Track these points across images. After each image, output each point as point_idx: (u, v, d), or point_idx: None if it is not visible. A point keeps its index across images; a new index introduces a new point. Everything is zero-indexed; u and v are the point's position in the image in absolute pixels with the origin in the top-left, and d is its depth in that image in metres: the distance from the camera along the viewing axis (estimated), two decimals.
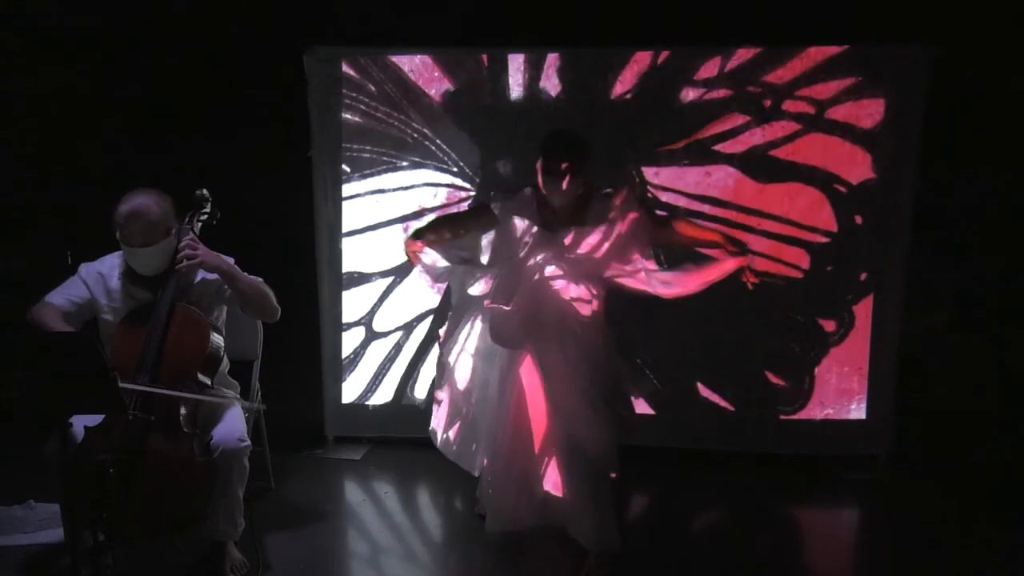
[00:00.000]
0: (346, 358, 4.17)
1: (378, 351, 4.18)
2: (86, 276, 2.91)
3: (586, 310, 3.00)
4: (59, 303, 2.83)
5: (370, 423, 4.21)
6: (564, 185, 2.88)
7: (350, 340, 4.17)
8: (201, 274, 2.92)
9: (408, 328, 4.15)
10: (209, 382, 2.87)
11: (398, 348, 4.16)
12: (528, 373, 3.00)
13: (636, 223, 2.95)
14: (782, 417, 3.96)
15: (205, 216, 3.00)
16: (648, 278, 2.96)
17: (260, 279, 2.97)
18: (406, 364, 4.17)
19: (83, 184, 3.91)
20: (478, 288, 3.12)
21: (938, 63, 3.62)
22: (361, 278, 4.13)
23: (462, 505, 3.67)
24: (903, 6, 3.69)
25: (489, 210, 3.11)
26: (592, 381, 2.94)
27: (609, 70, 3.83)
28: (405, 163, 4.02)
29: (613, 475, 2.97)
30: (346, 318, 4.15)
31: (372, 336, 4.17)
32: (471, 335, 3.15)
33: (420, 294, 4.11)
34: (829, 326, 3.92)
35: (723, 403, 4.00)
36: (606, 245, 2.95)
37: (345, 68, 3.95)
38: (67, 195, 3.96)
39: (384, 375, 4.19)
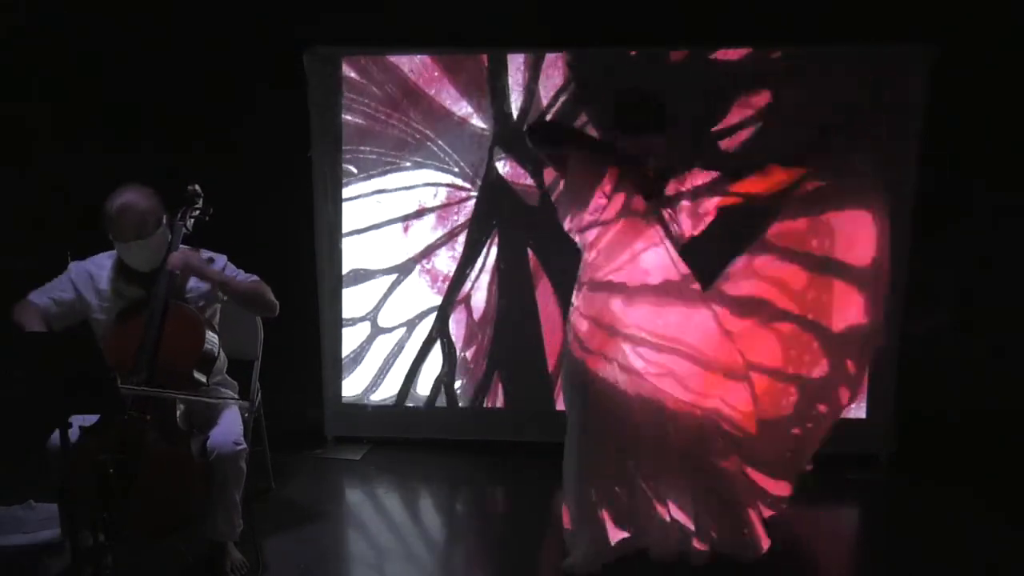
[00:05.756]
0: (350, 354, 4.16)
1: (383, 346, 4.18)
2: (75, 276, 2.89)
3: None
4: (42, 303, 2.81)
5: (370, 423, 4.21)
6: (648, 148, 2.75)
7: (355, 336, 4.16)
8: (193, 280, 2.92)
9: (410, 326, 4.14)
10: (205, 380, 2.87)
11: (400, 345, 4.17)
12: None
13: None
14: None
15: (197, 212, 3.00)
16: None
17: (255, 278, 2.97)
18: (408, 363, 4.17)
19: (82, 184, 3.91)
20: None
21: (938, 63, 3.63)
22: (366, 274, 4.13)
23: (462, 506, 3.67)
24: (903, 6, 3.69)
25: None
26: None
27: (610, 70, 3.84)
28: (407, 164, 4.02)
29: None
30: (351, 313, 4.14)
31: (377, 331, 4.16)
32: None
33: (422, 292, 4.12)
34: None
35: None
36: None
37: (346, 69, 3.95)
38: (65, 194, 3.95)
39: (387, 372, 4.19)
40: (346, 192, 4.05)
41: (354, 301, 4.14)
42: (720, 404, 2.84)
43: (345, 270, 4.11)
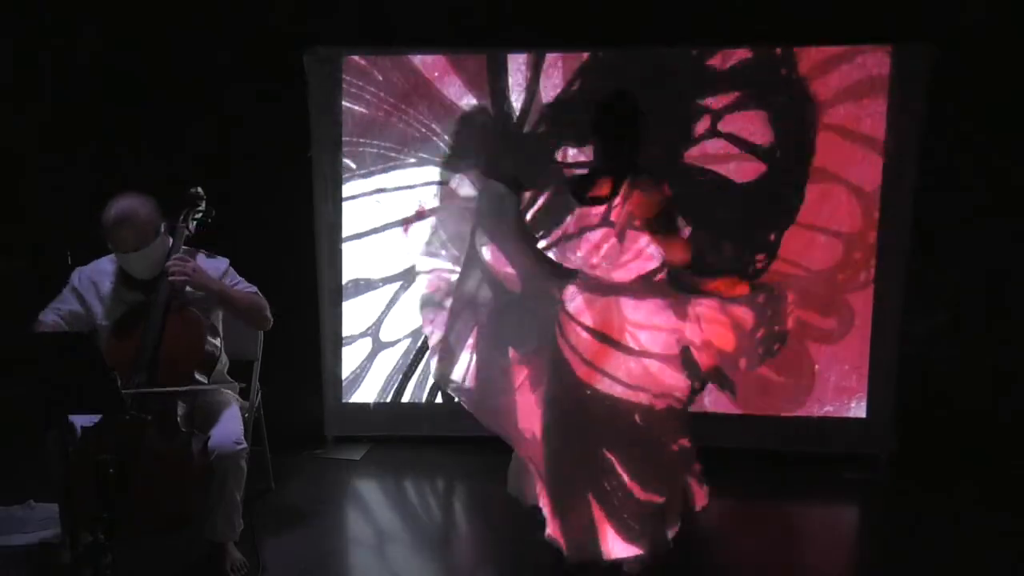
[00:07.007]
0: (352, 372, 4.16)
1: (386, 361, 4.16)
2: (79, 285, 2.89)
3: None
4: (51, 320, 2.81)
5: (370, 423, 4.21)
6: (622, 150, 2.71)
7: (356, 353, 4.15)
8: None
9: (416, 335, 4.12)
10: (206, 381, 2.87)
11: (407, 356, 4.16)
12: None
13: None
14: (782, 415, 3.98)
15: (200, 214, 3.00)
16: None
17: (254, 290, 2.97)
18: (407, 365, 4.17)
19: (81, 184, 3.92)
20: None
21: (938, 63, 3.62)
22: (368, 285, 4.11)
23: (462, 504, 3.67)
24: (903, 6, 3.69)
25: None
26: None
27: (610, 70, 3.83)
28: (411, 160, 4.01)
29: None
30: (351, 330, 4.13)
31: (379, 347, 4.15)
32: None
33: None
34: (828, 324, 3.92)
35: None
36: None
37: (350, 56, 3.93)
38: (65, 195, 3.95)
39: (392, 387, 4.19)
40: (346, 190, 4.03)
41: (356, 315, 4.12)
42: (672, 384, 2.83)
43: (346, 276, 4.10)
